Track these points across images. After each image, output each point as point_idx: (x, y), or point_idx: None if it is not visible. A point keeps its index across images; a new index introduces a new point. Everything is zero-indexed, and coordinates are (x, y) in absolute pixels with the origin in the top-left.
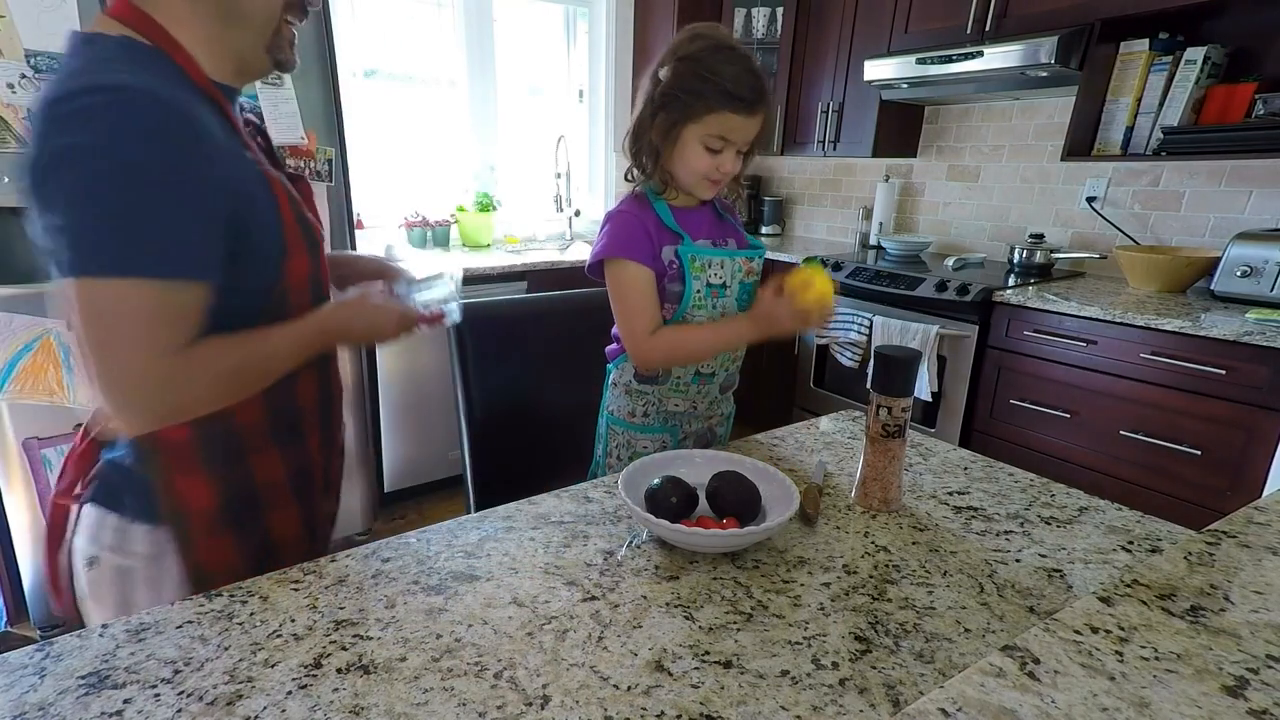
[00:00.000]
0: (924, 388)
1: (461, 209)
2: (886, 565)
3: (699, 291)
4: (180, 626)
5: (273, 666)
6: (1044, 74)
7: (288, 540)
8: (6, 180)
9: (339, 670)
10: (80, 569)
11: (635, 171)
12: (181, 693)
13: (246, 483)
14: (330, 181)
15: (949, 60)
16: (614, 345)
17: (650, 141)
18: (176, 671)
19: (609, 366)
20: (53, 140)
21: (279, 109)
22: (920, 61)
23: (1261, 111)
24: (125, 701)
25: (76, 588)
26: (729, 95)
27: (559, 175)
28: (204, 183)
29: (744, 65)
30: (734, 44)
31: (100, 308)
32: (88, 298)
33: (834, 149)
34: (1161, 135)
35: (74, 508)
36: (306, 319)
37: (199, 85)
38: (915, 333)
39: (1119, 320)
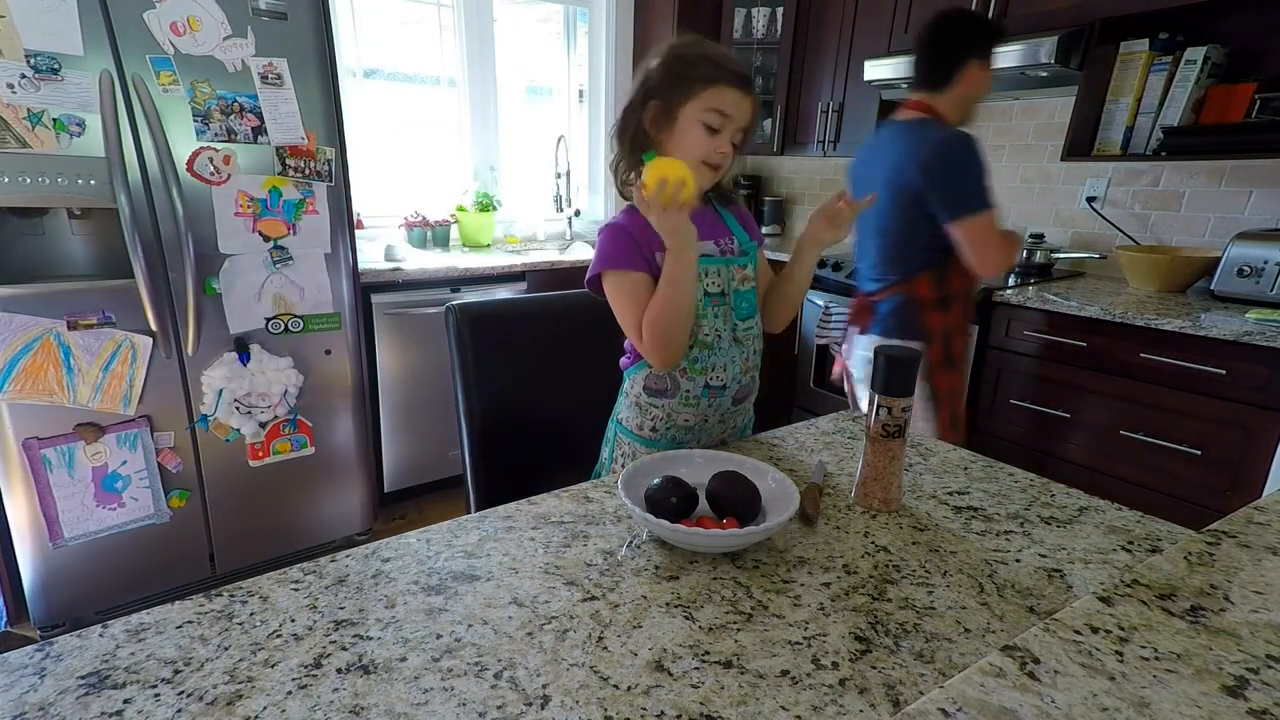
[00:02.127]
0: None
1: (461, 209)
2: (886, 565)
3: (698, 300)
4: (180, 626)
5: (273, 666)
6: (1044, 74)
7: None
8: (6, 180)
9: (339, 670)
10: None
11: (625, 176)
12: (181, 693)
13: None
14: (330, 181)
15: None
16: (625, 357)
17: (644, 133)
18: (176, 671)
19: (625, 373)
20: (967, 154)
21: (279, 109)
22: None
23: (1261, 112)
24: (125, 701)
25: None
26: (724, 68)
27: (559, 175)
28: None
29: (729, 51)
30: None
31: (983, 227)
32: (981, 227)
33: (834, 149)
34: (1161, 135)
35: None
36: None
37: None
38: None
39: (1119, 320)
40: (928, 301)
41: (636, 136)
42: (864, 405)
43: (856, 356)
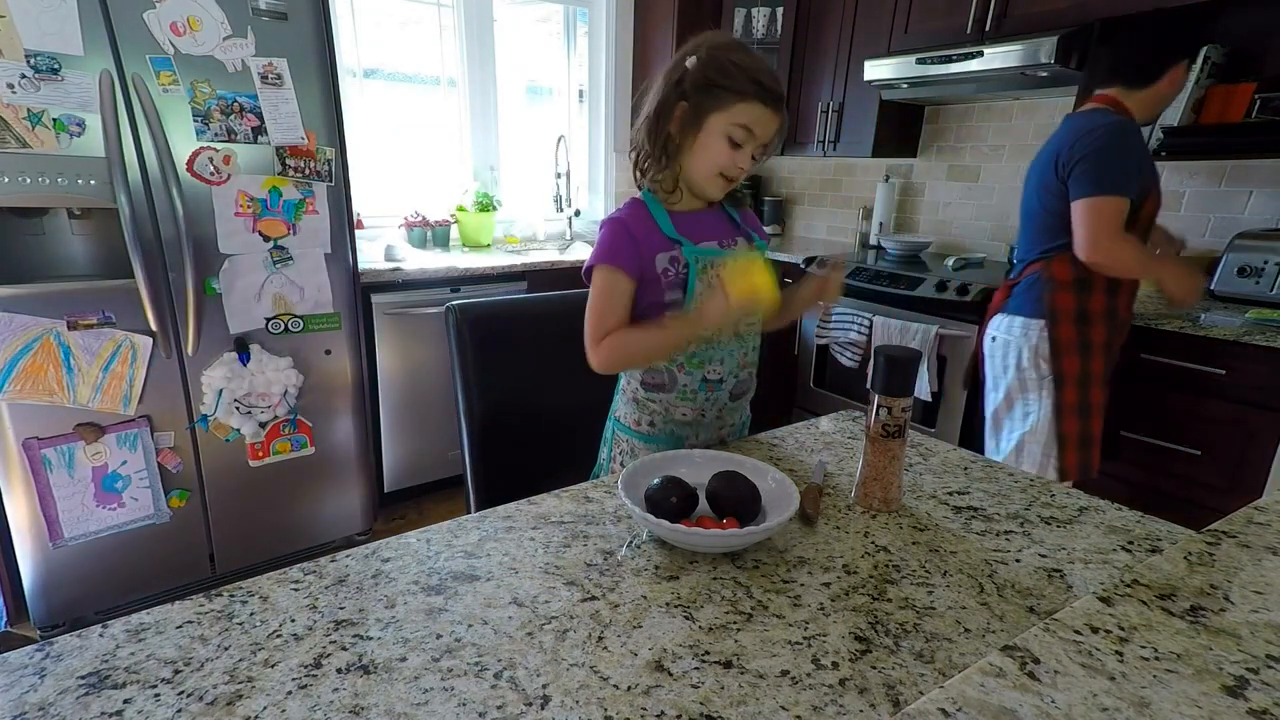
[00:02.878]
0: (924, 388)
1: (461, 209)
2: (886, 565)
3: (700, 294)
4: (180, 626)
5: (273, 666)
6: (1044, 74)
7: None
8: (6, 180)
9: (339, 670)
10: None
11: (644, 166)
12: (181, 693)
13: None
14: (330, 182)
15: (949, 60)
16: None
17: (668, 133)
18: (176, 671)
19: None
20: (1112, 140)
21: (279, 109)
22: (920, 61)
23: (1261, 112)
24: (125, 701)
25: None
26: (760, 85)
27: (559, 175)
28: (1141, 158)
29: (767, 64)
30: (757, 54)
31: (1100, 209)
32: (1098, 208)
33: (834, 149)
34: (1161, 135)
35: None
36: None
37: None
38: (915, 333)
39: None
40: (1062, 281)
41: (664, 134)
42: (987, 385)
43: (986, 337)
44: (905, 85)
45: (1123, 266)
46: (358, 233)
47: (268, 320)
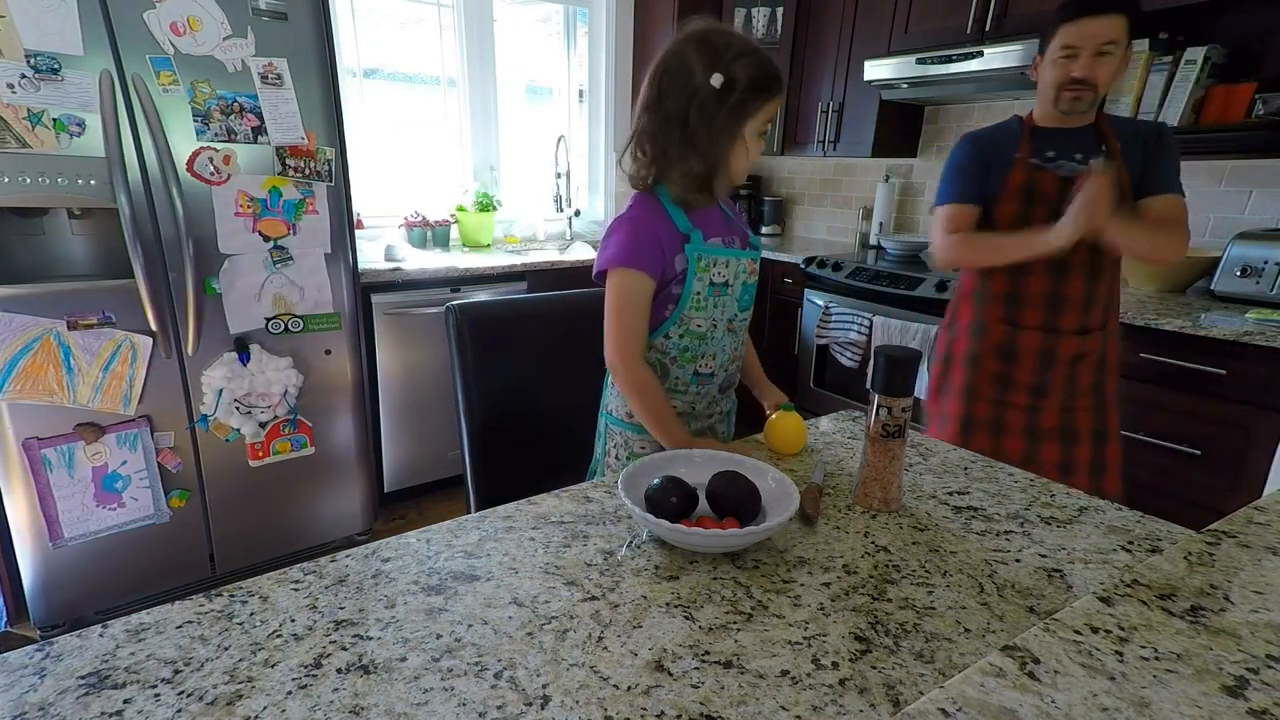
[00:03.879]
0: (924, 388)
1: (461, 209)
2: (886, 565)
3: (699, 293)
4: (180, 626)
5: (273, 666)
6: None
7: None
8: (6, 180)
9: (339, 670)
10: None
11: (665, 174)
12: (181, 693)
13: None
14: (330, 181)
15: (949, 60)
16: None
17: (700, 144)
18: (176, 671)
19: None
20: (954, 155)
21: (279, 109)
22: (920, 61)
23: (1261, 111)
24: (125, 701)
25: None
26: (774, 79)
27: (559, 175)
28: (976, 165)
29: (755, 44)
30: (744, 34)
31: (935, 220)
32: (935, 219)
33: (834, 149)
34: None
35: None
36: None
37: (1025, 128)
38: (915, 333)
39: (1119, 320)
40: (965, 293)
41: (694, 146)
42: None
43: None
44: (905, 85)
45: (964, 259)
46: (358, 233)
47: (268, 320)
